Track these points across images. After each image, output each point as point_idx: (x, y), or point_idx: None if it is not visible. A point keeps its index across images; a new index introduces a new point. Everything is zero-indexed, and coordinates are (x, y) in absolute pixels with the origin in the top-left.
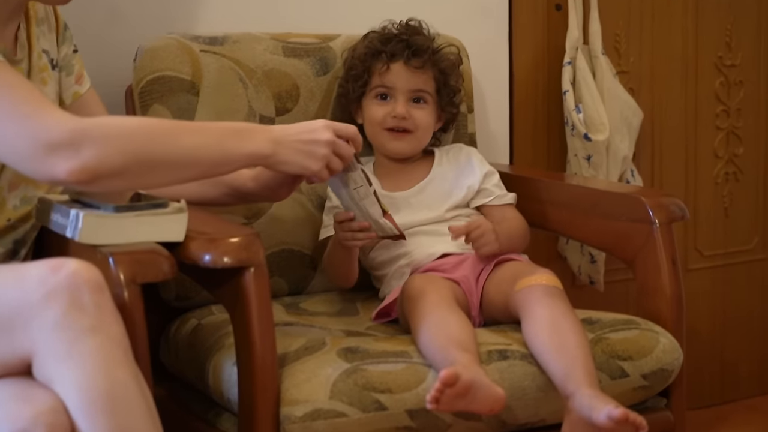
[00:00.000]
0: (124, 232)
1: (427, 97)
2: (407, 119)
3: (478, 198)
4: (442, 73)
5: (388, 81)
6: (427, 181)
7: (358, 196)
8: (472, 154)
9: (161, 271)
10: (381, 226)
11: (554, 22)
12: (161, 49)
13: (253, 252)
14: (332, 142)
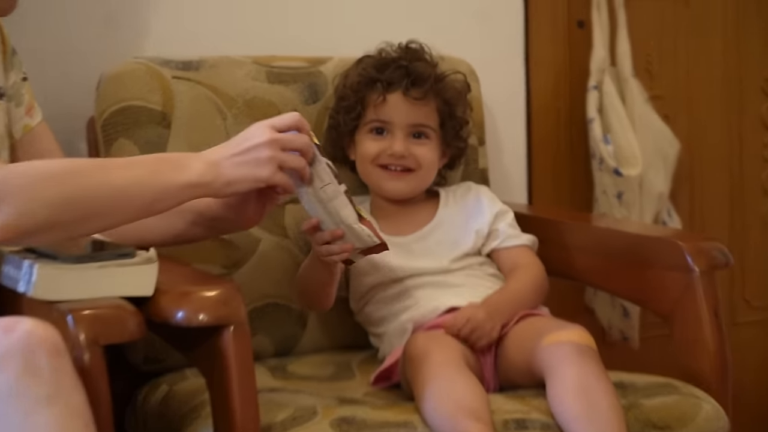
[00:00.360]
0: (85, 285)
1: (430, 132)
2: (406, 157)
3: (489, 242)
4: (446, 104)
5: (384, 114)
6: (432, 225)
7: (325, 196)
8: (481, 192)
9: (127, 331)
10: (357, 233)
11: (577, 40)
12: (127, 76)
13: (233, 307)
14: (273, 140)
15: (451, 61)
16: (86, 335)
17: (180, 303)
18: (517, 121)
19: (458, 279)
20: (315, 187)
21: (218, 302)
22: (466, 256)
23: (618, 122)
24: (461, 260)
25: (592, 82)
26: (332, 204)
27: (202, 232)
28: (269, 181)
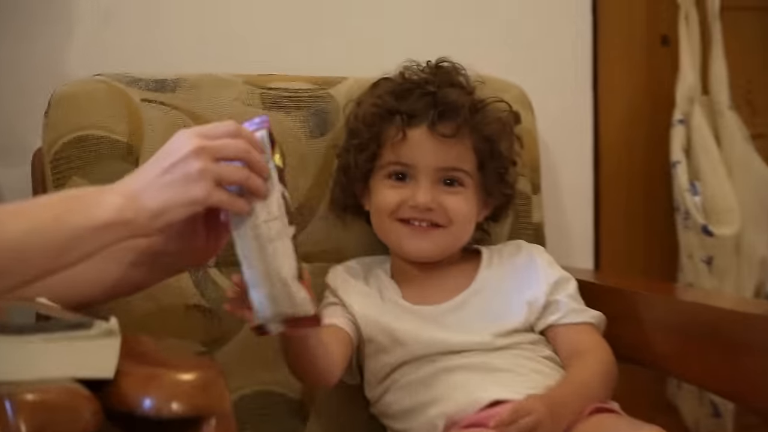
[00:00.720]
0: (29, 363)
1: (464, 177)
2: (434, 210)
3: (545, 316)
4: (486, 141)
5: (405, 155)
6: (470, 292)
7: (267, 234)
8: (535, 253)
9: (80, 422)
10: (290, 294)
11: (659, 61)
12: (84, 97)
13: (214, 395)
14: (201, 148)
15: (497, 83)
16: (28, 427)
17: (147, 388)
18: (582, 163)
19: (504, 361)
20: (258, 218)
21: (195, 388)
22: (514, 333)
23: (710, 166)
24: (508, 337)
25: (677, 116)
26: (272, 246)
27: (148, 275)
28: (207, 203)
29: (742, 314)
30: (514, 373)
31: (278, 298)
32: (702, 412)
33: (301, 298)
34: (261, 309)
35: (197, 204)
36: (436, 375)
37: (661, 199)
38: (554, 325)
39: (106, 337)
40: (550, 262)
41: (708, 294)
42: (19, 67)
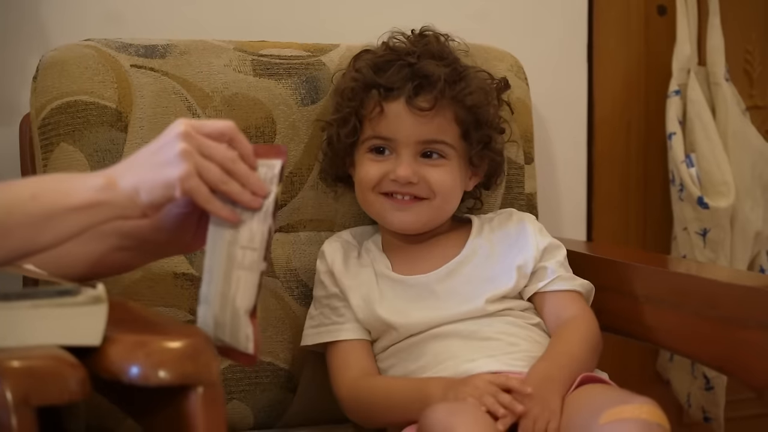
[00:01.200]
0: (14, 329)
1: (446, 149)
2: (415, 184)
3: (533, 282)
4: (469, 111)
5: (384, 129)
6: (460, 259)
7: (238, 260)
8: (526, 220)
9: (67, 389)
10: (236, 326)
11: (655, 32)
12: (73, 63)
13: (202, 363)
14: (189, 134)
15: (492, 52)
16: (14, 393)
17: (134, 355)
18: (576, 134)
19: (494, 329)
20: (237, 241)
21: (183, 356)
22: (504, 299)
23: (705, 138)
24: (499, 302)
25: (673, 87)
26: (239, 273)
27: (131, 258)
28: (182, 185)
29: (736, 287)
30: (504, 342)
31: (223, 325)
32: (694, 385)
33: (245, 335)
34: (202, 326)
35: (171, 184)
36: (426, 343)
37: (656, 171)
38: (541, 292)
39: (93, 304)
40: (541, 229)
41: (702, 266)
42: (8, 32)
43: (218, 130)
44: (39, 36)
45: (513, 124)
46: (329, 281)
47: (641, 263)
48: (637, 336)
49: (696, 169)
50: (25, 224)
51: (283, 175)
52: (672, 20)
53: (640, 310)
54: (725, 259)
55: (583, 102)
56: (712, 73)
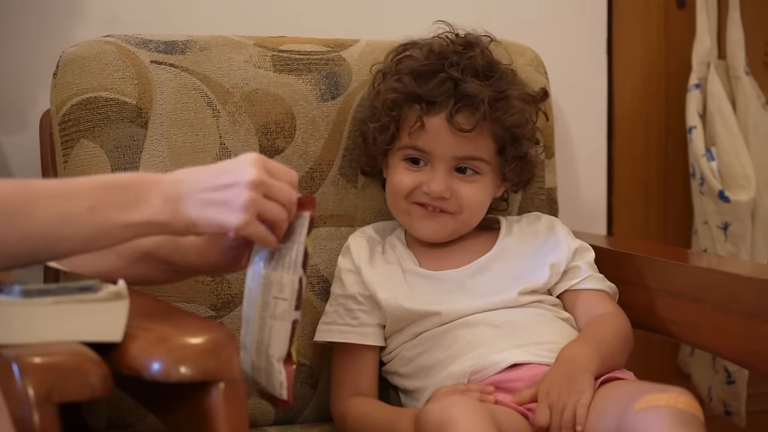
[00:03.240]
0: (36, 326)
1: (481, 165)
2: (447, 199)
3: (564, 281)
4: (507, 131)
5: (422, 142)
6: (491, 256)
7: (271, 310)
8: (556, 223)
9: (88, 386)
10: (270, 372)
11: (675, 25)
12: (93, 59)
13: (224, 359)
14: (260, 182)
15: (513, 47)
16: (36, 390)
17: (156, 352)
18: (596, 128)
19: (524, 319)
20: (269, 291)
21: (205, 352)
22: (535, 293)
23: (726, 132)
24: (530, 295)
25: (693, 80)
26: (272, 323)
27: (147, 273)
28: (240, 232)
29: (757, 281)
30: (534, 333)
31: (259, 370)
32: (715, 378)
33: (278, 382)
34: (243, 368)
35: (228, 228)
36: (457, 331)
37: (677, 165)
38: (573, 290)
39: (115, 300)
40: (569, 232)
41: (723, 260)
42: (28, 28)
43: (287, 177)
44: (60, 32)
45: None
46: (350, 281)
47: (662, 257)
48: (658, 330)
49: (717, 163)
50: (80, 235)
51: (312, 228)
52: (691, 14)
53: (661, 305)
54: (746, 253)
55: (603, 96)
56: (732, 67)
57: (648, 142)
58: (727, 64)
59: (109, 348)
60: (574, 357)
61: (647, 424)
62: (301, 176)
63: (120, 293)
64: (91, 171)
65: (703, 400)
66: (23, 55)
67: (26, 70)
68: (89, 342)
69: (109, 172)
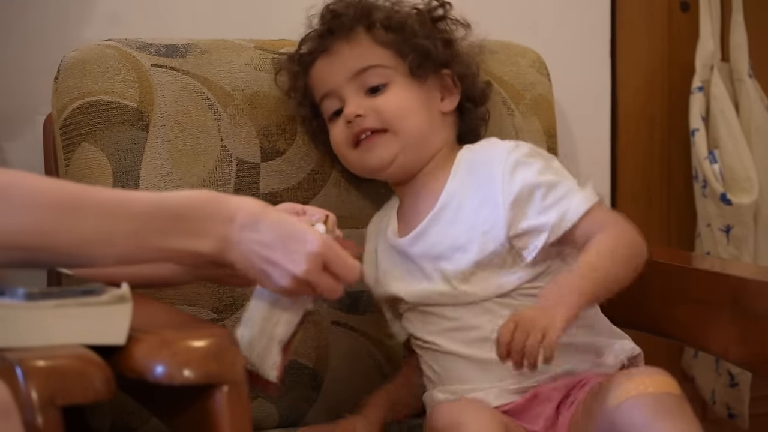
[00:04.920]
0: (39, 329)
1: (383, 72)
2: (365, 116)
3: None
4: (390, 29)
5: (322, 87)
6: (434, 214)
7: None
8: (494, 148)
9: (92, 389)
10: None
11: (678, 28)
12: (94, 62)
13: (227, 362)
14: (304, 280)
15: (514, 48)
16: (39, 393)
17: (159, 355)
18: (599, 130)
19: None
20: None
21: (208, 355)
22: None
23: (729, 135)
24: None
25: (696, 83)
26: (285, 304)
27: (191, 279)
28: (276, 290)
29: (761, 283)
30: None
31: (254, 348)
32: (719, 382)
33: (273, 362)
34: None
35: (270, 286)
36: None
37: (679, 167)
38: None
39: (118, 303)
40: (510, 150)
41: (726, 263)
42: (29, 33)
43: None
44: (61, 36)
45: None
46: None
47: (665, 260)
48: (661, 333)
49: (719, 166)
50: (115, 256)
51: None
52: (695, 16)
53: (664, 308)
54: (749, 256)
55: (606, 98)
56: (735, 70)
57: (651, 144)
58: (731, 67)
59: (113, 351)
60: (554, 288)
61: (624, 420)
62: (303, 178)
63: (123, 296)
64: (92, 174)
65: (706, 403)
66: (26, 58)
67: (30, 74)
68: (93, 345)
69: (110, 175)
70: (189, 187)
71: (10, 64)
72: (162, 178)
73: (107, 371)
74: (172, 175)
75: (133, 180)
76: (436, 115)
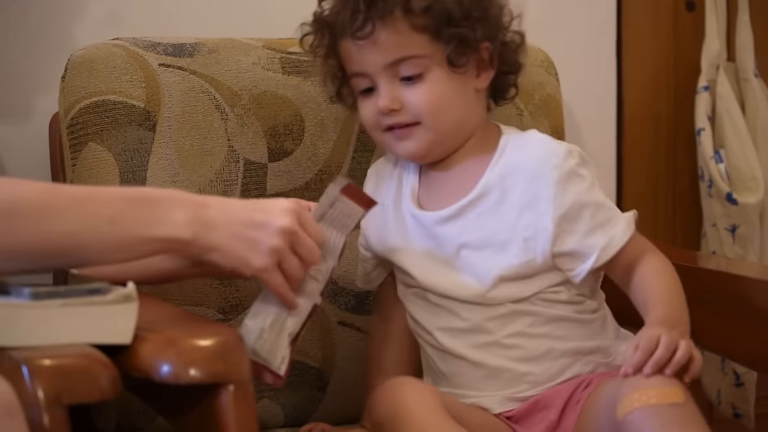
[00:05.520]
0: (45, 329)
1: (419, 62)
2: (398, 111)
3: (578, 265)
4: (425, 14)
5: (355, 67)
6: (472, 200)
7: (302, 287)
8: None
9: (98, 388)
10: (275, 343)
11: (684, 27)
12: (101, 62)
13: (233, 362)
14: (290, 231)
15: None
16: (45, 392)
17: (165, 354)
18: (605, 130)
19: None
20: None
21: (214, 354)
22: (512, 280)
23: (734, 134)
24: (511, 284)
25: (702, 82)
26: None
27: (180, 272)
28: (258, 275)
29: (766, 283)
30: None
31: (264, 341)
32: (724, 381)
33: (282, 356)
34: (244, 336)
35: (248, 268)
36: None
37: (686, 167)
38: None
39: (124, 303)
40: (570, 175)
41: (732, 262)
42: (36, 31)
43: (316, 235)
44: (68, 34)
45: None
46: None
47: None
48: None
49: (725, 165)
50: (98, 246)
51: (359, 224)
52: (701, 16)
53: None
54: (755, 255)
55: (612, 97)
56: (741, 69)
57: (657, 144)
58: (737, 67)
59: (119, 350)
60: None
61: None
62: (310, 178)
63: (129, 295)
64: (99, 174)
65: (712, 403)
66: (33, 57)
67: (36, 73)
68: (98, 344)
69: (117, 175)
70: (196, 188)
71: (17, 63)
72: (169, 179)
73: (113, 370)
74: (179, 176)
75: (140, 180)
76: (471, 96)
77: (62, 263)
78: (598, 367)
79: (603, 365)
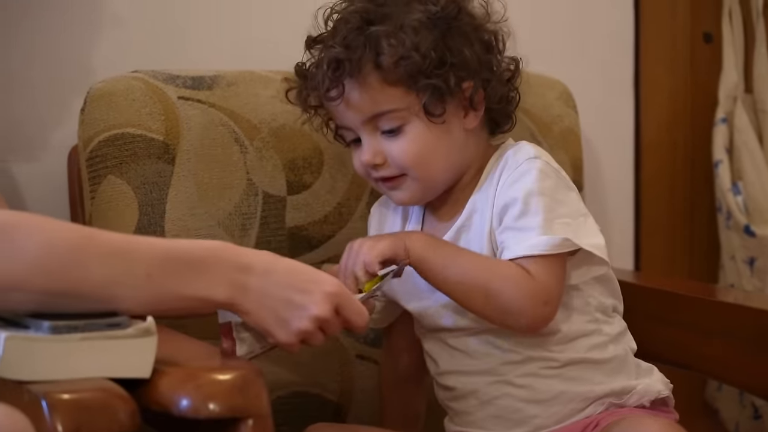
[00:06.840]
0: (64, 362)
1: (397, 115)
2: (382, 165)
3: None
4: (397, 68)
5: (337, 122)
6: (457, 227)
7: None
8: (508, 159)
9: (116, 421)
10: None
11: (702, 59)
12: (121, 95)
13: (253, 395)
14: (323, 319)
15: (541, 79)
16: (64, 426)
17: (185, 388)
18: (623, 162)
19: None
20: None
21: (234, 388)
22: None
23: (752, 166)
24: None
25: (720, 114)
26: None
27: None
28: (277, 345)
29: None
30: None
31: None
32: (743, 414)
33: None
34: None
35: (271, 338)
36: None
37: (703, 199)
38: None
39: (143, 337)
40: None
41: (750, 295)
42: (55, 64)
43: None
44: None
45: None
46: None
47: (689, 293)
48: (685, 366)
49: (743, 197)
50: (132, 299)
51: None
52: (718, 48)
53: (688, 340)
54: None
55: (630, 129)
56: (759, 101)
57: (674, 176)
58: (754, 98)
59: (138, 384)
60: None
61: None
62: (329, 211)
63: (149, 329)
64: (118, 207)
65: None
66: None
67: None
68: (117, 378)
69: (136, 208)
70: (215, 221)
71: (36, 95)
72: (188, 212)
73: (132, 404)
74: (198, 209)
75: (158, 213)
76: (459, 138)
77: (94, 308)
78: (610, 407)
79: (615, 405)
